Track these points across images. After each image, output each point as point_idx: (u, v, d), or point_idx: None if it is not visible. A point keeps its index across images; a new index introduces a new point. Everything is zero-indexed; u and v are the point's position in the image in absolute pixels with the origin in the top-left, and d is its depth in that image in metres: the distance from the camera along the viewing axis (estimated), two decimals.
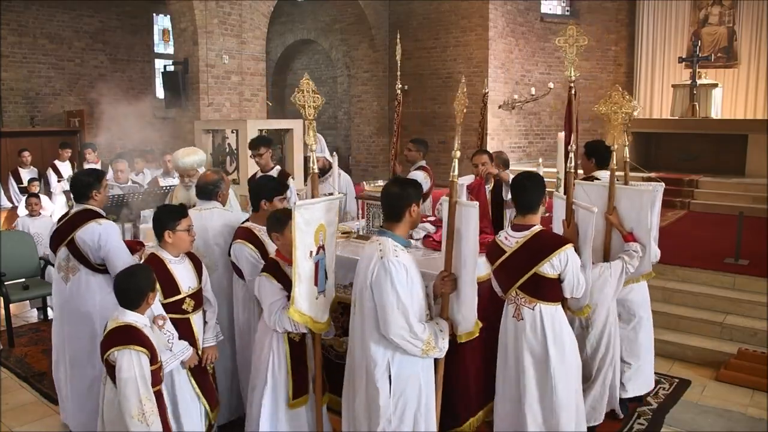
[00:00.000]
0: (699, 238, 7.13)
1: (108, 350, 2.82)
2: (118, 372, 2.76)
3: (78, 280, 3.81)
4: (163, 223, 3.36)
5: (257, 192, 3.84)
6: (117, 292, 2.94)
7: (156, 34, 13.32)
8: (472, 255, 3.01)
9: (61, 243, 3.81)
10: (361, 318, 2.94)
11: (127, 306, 2.93)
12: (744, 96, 12.10)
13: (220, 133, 8.88)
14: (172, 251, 3.39)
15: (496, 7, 12.04)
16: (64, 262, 3.83)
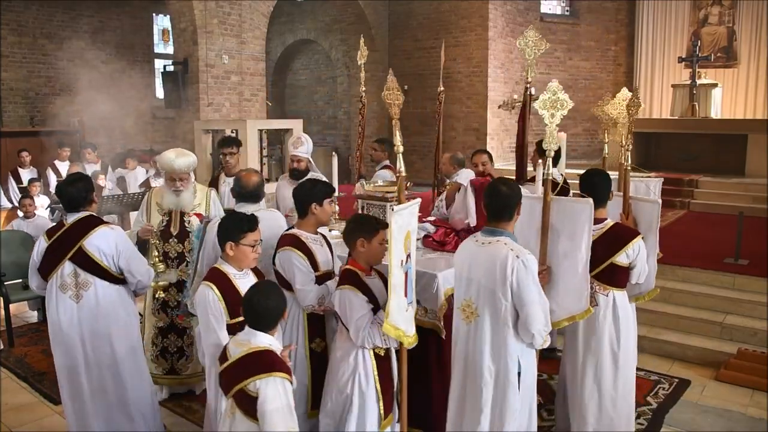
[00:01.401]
0: (699, 238, 7.13)
1: (245, 380, 2.44)
2: (264, 404, 2.40)
3: (93, 296, 3.46)
4: (228, 234, 3.04)
5: (307, 195, 3.46)
6: (250, 312, 2.57)
7: (156, 34, 13.32)
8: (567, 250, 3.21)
9: (63, 257, 3.42)
10: (492, 320, 2.93)
11: (260, 327, 2.56)
12: (744, 96, 12.11)
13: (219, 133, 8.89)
14: (234, 265, 3.06)
15: (496, 7, 12.05)
16: (70, 278, 3.44)
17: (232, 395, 2.51)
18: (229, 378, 2.52)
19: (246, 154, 8.25)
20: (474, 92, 12.15)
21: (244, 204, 3.79)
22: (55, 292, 3.46)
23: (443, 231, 4.33)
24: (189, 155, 4.27)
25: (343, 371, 3.03)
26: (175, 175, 4.13)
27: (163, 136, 12.46)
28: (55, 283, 3.45)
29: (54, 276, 3.45)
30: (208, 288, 2.98)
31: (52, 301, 3.48)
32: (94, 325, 3.47)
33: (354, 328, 2.94)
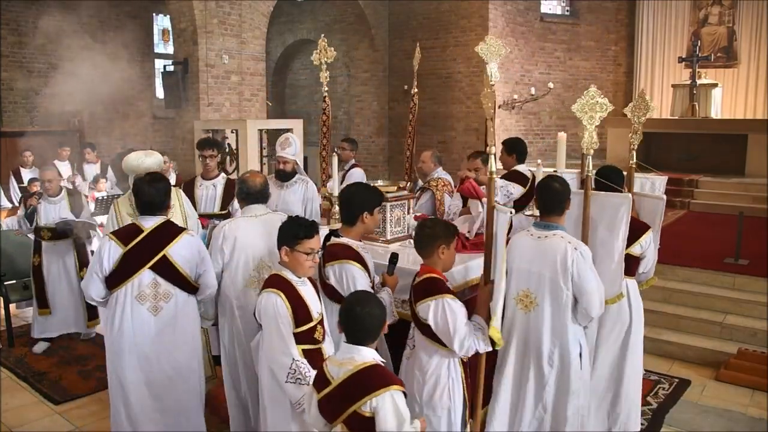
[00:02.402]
0: (699, 238, 7.13)
1: (359, 401, 2.25)
2: (385, 423, 2.22)
3: (173, 308, 3.28)
4: (284, 238, 2.91)
5: (359, 202, 3.28)
6: (351, 325, 2.40)
7: (156, 34, 13.32)
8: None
9: (143, 265, 3.19)
10: (553, 307, 3.14)
11: (363, 340, 2.39)
12: (744, 96, 12.10)
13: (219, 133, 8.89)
14: (293, 271, 2.92)
15: (496, 7, 12.04)
16: (150, 288, 3.23)
17: (342, 420, 2.29)
18: (336, 402, 2.31)
19: (246, 154, 8.25)
20: (474, 92, 12.13)
21: (252, 206, 3.68)
22: (130, 303, 3.21)
23: None
24: (156, 154, 4.15)
25: (433, 384, 2.92)
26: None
27: (163, 136, 12.46)
28: (130, 293, 3.21)
29: (128, 285, 3.21)
30: (275, 295, 2.81)
31: (122, 312, 3.21)
32: (171, 338, 3.28)
33: (459, 338, 2.82)
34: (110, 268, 3.20)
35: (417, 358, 3.00)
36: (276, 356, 2.80)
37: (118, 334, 3.23)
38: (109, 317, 3.26)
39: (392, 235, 4.24)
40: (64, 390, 4.67)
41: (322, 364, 2.48)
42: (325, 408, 2.37)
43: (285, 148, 4.88)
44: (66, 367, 5.08)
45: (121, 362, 3.25)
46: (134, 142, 12.19)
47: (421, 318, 2.91)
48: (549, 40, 13.01)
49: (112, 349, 3.28)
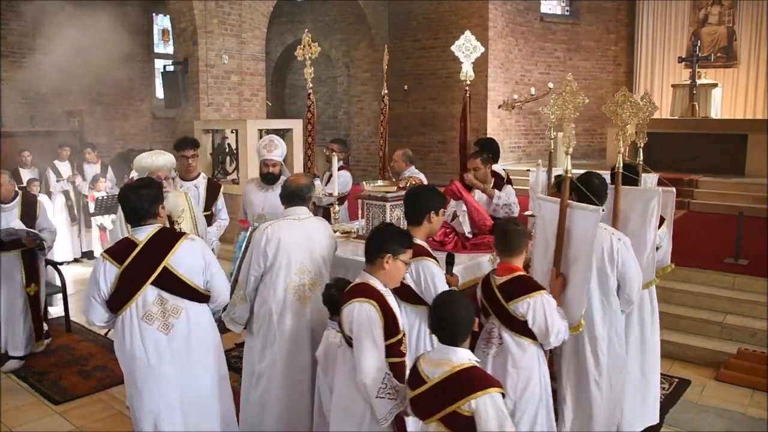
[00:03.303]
0: (699, 238, 7.13)
1: (458, 401, 2.30)
2: (487, 423, 2.27)
3: (185, 323, 3.03)
4: (387, 245, 2.76)
5: (427, 204, 3.27)
6: (443, 326, 2.43)
7: (156, 34, 13.33)
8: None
9: (144, 282, 2.94)
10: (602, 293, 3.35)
11: (455, 341, 2.42)
12: (744, 96, 12.11)
13: (219, 133, 8.89)
14: (382, 280, 2.78)
15: (496, 7, 12.04)
16: (156, 306, 2.98)
17: (438, 418, 2.34)
18: (432, 401, 2.36)
19: (246, 154, 8.25)
20: (474, 92, 12.10)
21: (295, 208, 3.55)
22: (137, 325, 2.96)
23: (443, 231, 4.33)
24: (168, 154, 3.94)
25: (527, 378, 3.07)
26: (161, 175, 3.75)
27: (163, 136, 12.46)
28: (135, 315, 2.96)
29: (131, 306, 2.96)
30: (369, 305, 2.67)
31: (131, 336, 2.97)
32: (189, 356, 3.04)
33: (555, 331, 3.02)
34: (109, 290, 2.96)
35: (507, 354, 3.10)
36: (370, 370, 2.61)
37: (130, 359, 2.99)
38: (120, 343, 3.03)
39: None
40: (64, 390, 4.67)
41: (417, 361, 2.51)
42: (419, 405, 2.44)
43: (272, 151, 4.74)
44: (66, 367, 5.08)
45: (138, 390, 3.00)
46: (134, 142, 12.21)
47: (517, 315, 3.04)
48: (549, 40, 13.02)
49: (127, 376, 3.04)
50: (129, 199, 3.05)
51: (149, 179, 3.33)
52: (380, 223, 3.17)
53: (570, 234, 3.27)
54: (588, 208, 3.21)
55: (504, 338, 3.12)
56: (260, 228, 3.53)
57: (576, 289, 3.22)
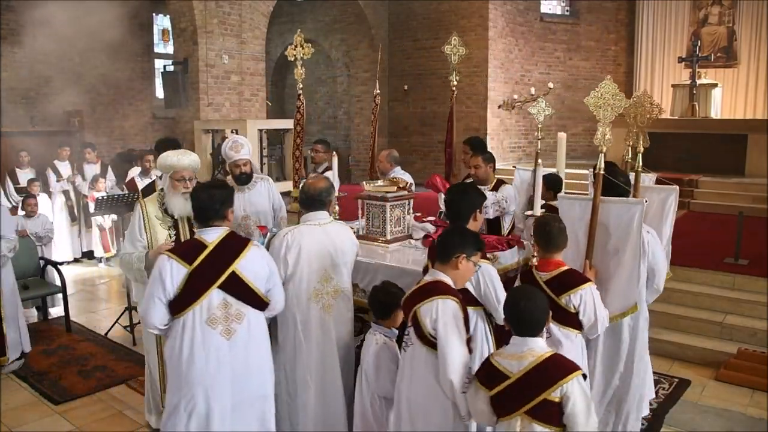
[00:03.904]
0: (699, 238, 7.13)
1: (549, 388, 2.36)
2: (575, 405, 2.34)
3: (246, 330, 2.96)
4: (462, 246, 2.79)
5: (472, 203, 3.30)
6: (521, 318, 2.49)
7: (156, 34, 13.32)
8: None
9: (211, 285, 2.87)
10: None
11: (532, 332, 2.48)
12: (744, 96, 12.10)
13: (219, 133, 8.90)
14: (452, 280, 2.81)
15: (496, 7, 12.04)
16: (220, 310, 2.90)
17: (526, 410, 2.40)
18: (518, 393, 2.41)
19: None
20: (474, 92, 12.15)
21: (315, 213, 3.46)
22: (200, 328, 2.87)
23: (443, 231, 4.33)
24: (194, 154, 3.86)
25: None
26: (185, 175, 3.61)
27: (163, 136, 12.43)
28: (199, 317, 2.87)
29: (195, 308, 2.87)
30: (452, 301, 2.71)
31: (192, 339, 2.87)
32: (246, 362, 2.97)
33: (602, 320, 3.19)
34: (175, 290, 2.86)
35: (558, 347, 3.12)
36: (458, 367, 2.62)
37: (188, 363, 2.88)
38: (176, 346, 2.90)
39: (392, 235, 4.24)
40: (64, 390, 4.67)
41: (491, 360, 2.55)
42: (502, 401, 2.45)
43: (239, 150, 4.61)
44: (66, 367, 5.08)
45: (191, 394, 2.89)
46: (134, 142, 12.21)
47: (569, 307, 3.14)
48: (549, 40, 13.02)
49: (182, 380, 2.91)
50: (200, 198, 3.00)
51: (222, 181, 3.30)
52: (453, 224, 3.16)
53: (608, 228, 3.36)
54: (629, 201, 3.38)
55: (552, 331, 3.16)
56: (279, 234, 3.42)
57: (625, 277, 3.34)
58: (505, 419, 2.45)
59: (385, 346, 3.18)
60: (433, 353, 2.70)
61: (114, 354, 5.36)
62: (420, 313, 2.73)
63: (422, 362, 2.74)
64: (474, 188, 3.48)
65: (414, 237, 4.34)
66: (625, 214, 3.28)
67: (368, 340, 3.25)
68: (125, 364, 5.10)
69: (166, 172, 3.65)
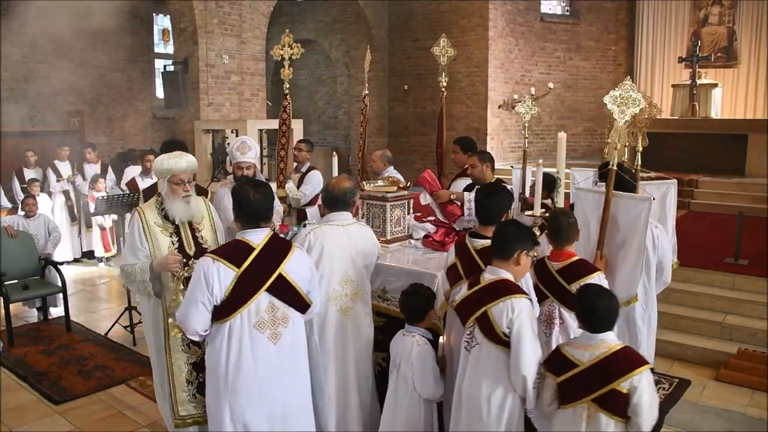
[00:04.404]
0: (699, 238, 7.13)
1: (617, 380, 2.45)
2: (641, 397, 2.43)
3: (292, 333, 2.88)
4: (522, 241, 2.85)
5: (499, 204, 3.31)
6: (593, 314, 2.59)
7: (156, 34, 13.32)
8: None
9: (260, 287, 2.78)
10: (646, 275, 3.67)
11: (608, 328, 2.59)
12: (744, 96, 12.10)
13: (220, 133, 8.90)
14: (515, 276, 2.86)
15: (496, 7, 12.04)
16: (267, 313, 2.81)
17: (593, 398, 2.50)
18: (585, 382, 2.51)
19: None
20: (474, 92, 12.15)
21: (338, 213, 3.39)
22: (248, 333, 2.77)
23: (443, 231, 4.33)
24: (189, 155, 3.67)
25: None
26: (183, 178, 3.41)
27: (163, 136, 12.44)
28: (247, 321, 2.77)
29: (243, 312, 2.76)
30: (525, 299, 2.77)
31: (240, 344, 2.77)
32: (291, 366, 2.89)
33: None
34: (223, 294, 2.74)
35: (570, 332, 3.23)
36: (532, 364, 2.67)
37: (235, 369, 2.76)
38: (221, 352, 2.78)
39: (392, 235, 4.24)
40: (64, 390, 4.67)
41: (560, 349, 2.67)
42: (569, 388, 2.56)
43: (246, 153, 4.53)
44: (66, 367, 5.08)
45: (238, 402, 2.78)
46: (134, 142, 12.21)
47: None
48: (549, 40, 13.01)
49: (228, 387, 2.78)
50: (252, 198, 2.85)
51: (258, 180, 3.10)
52: (508, 220, 3.20)
53: (617, 221, 3.45)
54: (635, 197, 3.46)
55: (565, 318, 3.27)
56: (301, 233, 3.36)
57: (629, 269, 3.40)
58: (570, 406, 2.56)
59: (428, 347, 3.18)
60: (503, 351, 2.73)
61: (114, 354, 5.35)
62: (492, 313, 2.75)
63: (491, 361, 2.76)
64: (504, 189, 3.49)
65: (414, 237, 4.34)
66: (633, 210, 3.37)
67: (404, 342, 3.19)
68: (125, 364, 5.10)
69: (164, 177, 3.45)
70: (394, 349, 3.26)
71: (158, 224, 3.42)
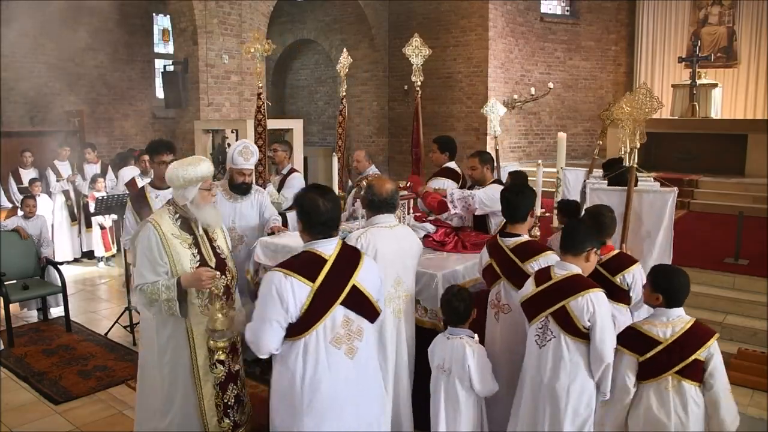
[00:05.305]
0: (699, 238, 7.13)
1: (699, 349, 2.76)
2: (717, 363, 2.76)
3: (366, 347, 2.75)
4: (593, 239, 3.03)
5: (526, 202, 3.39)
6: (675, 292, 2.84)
7: (156, 34, 13.31)
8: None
9: (335, 300, 2.63)
10: None
11: (682, 303, 2.88)
12: (744, 96, 12.11)
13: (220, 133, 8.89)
14: (584, 273, 3.03)
15: (496, 7, 12.04)
16: (343, 328, 2.66)
17: (677, 370, 2.76)
18: (670, 356, 2.76)
19: None
20: (474, 92, 12.14)
21: (383, 215, 3.33)
22: (324, 349, 2.62)
23: (443, 231, 4.33)
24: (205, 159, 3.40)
25: None
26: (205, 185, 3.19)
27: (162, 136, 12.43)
28: (323, 337, 2.62)
29: (319, 328, 2.61)
30: (601, 292, 2.92)
31: (316, 362, 2.61)
32: (367, 382, 2.76)
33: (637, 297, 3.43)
34: (299, 311, 2.57)
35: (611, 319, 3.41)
36: (612, 351, 2.86)
37: (312, 388, 2.60)
38: (297, 370, 2.61)
39: None
40: (64, 390, 4.67)
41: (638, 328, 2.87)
42: (653, 365, 2.80)
43: (249, 159, 4.42)
44: (66, 367, 5.08)
45: (317, 423, 2.62)
46: (134, 142, 12.20)
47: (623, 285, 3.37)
48: (549, 40, 13.02)
49: (304, 407, 2.61)
50: (321, 208, 2.69)
51: (321, 185, 2.90)
52: (580, 218, 3.42)
53: (640, 215, 3.58)
54: (663, 190, 3.66)
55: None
56: (351, 238, 3.25)
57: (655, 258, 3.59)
58: (653, 381, 2.81)
59: (480, 346, 3.20)
60: (582, 343, 2.88)
61: (114, 354, 5.36)
62: (572, 307, 2.88)
63: (569, 353, 2.90)
64: (528, 187, 3.60)
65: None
66: (658, 201, 3.58)
67: (452, 346, 3.17)
68: (125, 364, 5.10)
69: (194, 184, 3.16)
70: (438, 354, 3.22)
71: (176, 235, 3.14)
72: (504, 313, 3.35)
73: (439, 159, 5.35)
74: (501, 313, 3.36)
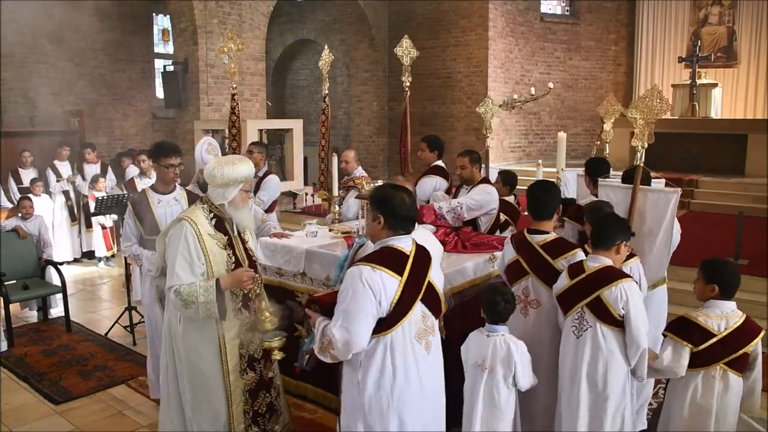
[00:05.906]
0: (699, 238, 7.13)
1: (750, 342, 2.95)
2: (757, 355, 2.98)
3: (436, 341, 2.75)
4: (622, 233, 3.16)
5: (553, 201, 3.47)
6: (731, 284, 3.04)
7: (156, 34, 13.32)
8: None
9: (417, 295, 2.64)
10: None
11: (731, 297, 3.03)
12: (744, 96, 12.12)
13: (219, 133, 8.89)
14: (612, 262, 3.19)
15: (496, 7, 12.05)
16: (422, 323, 2.68)
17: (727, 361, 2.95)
18: (723, 348, 2.93)
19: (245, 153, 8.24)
20: (474, 92, 12.15)
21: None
22: (410, 345, 2.60)
23: (443, 231, 4.33)
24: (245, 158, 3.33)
25: None
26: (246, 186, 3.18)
27: (163, 136, 12.45)
28: (408, 333, 2.60)
29: (404, 324, 2.59)
30: (632, 281, 3.06)
31: (404, 358, 2.59)
32: (439, 378, 2.78)
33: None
34: (389, 306, 2.54)
35: None
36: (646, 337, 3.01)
37: (401, 386, 2.58)
38: (386, 367, 2.58)
39: None
40: (64, 390, 4.66)
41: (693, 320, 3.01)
42: (705, 354, 2.94)
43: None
44: (66, 367, 5.08)
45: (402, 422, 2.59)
46: (134, 142, 12.20)
47: None
48: (549, 40, 13.02)
49: (391, 407, 2.58)
50: (403, 204, 2.67)
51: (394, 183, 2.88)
52: (609, 212, 3.46)
53: (643, 213, 3.61)
54: (664, 190, 3.68)
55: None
56: (366, 246, 3.22)
57: (656, 255, 3.61)
58: (702, 369, 2.98)
59: (521, 342, 3.17)
60: (617, 330, 3.00)
61: (114, 354, 5.35)
62: (606, 297, 2.99)
63: (606, 340, 3.01)
64: (554, 185, 3.69)
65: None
66: (661, 200, 3.60)
67: (492, 343, 3.12)
68: (125, 364, 5.10)
69: (237, 185, 3.12)
70: (475, 351, 3.16)
71: (211, 235, 3.08)
72: (533, 308, 3.39)
73: (428, 158, 5.40)
74: (530, 308, 3.41)
